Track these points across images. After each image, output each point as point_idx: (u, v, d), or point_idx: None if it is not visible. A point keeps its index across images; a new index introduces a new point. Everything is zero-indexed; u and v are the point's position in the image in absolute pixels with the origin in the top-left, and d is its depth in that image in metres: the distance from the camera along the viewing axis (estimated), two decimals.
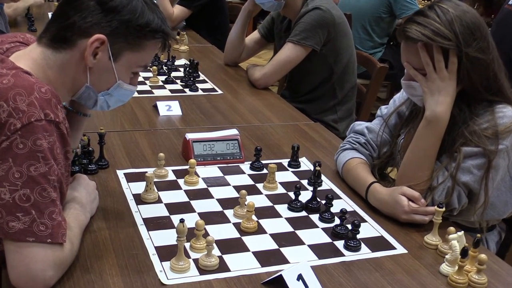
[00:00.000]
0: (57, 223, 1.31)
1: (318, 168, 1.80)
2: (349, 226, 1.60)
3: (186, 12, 4.12)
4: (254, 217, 1.65)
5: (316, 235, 1.64)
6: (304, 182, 1.94)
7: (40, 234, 1.28)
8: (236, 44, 3.25)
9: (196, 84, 2.88)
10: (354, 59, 3.07)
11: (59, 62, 1.44)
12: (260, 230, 1.64)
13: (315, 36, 2.86)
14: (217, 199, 1.79)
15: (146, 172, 1.79)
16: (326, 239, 1.63)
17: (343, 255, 1.56)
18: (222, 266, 1.46)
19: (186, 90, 2.84)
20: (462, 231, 1.53)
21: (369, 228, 1.70)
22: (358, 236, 1.59)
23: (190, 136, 2.02)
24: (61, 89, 1.44)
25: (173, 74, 3.02)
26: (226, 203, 1.77)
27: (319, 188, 1.79)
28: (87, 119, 1.69)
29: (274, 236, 1.62)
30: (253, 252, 1.54)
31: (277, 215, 1.73)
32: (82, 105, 1.60)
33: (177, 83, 2.92)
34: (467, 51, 1.64)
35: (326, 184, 1.95)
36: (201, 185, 1.87)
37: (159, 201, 1.75)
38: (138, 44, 1.48)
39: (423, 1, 6.40)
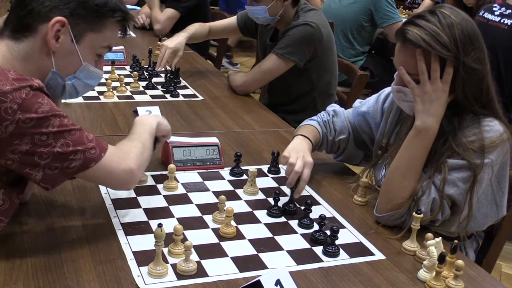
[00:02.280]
0: (95, 140, 1.49)
1: None
2: (328, 232, 1.60)
3: (175, 14, 4.10)
4: (233, 223, 1.65)
5: (295, 241, 1.64)
6: (284, 188, 1.93)
7: (95, 156, 1.47)
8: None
9: (177, 90, 2.87)
10: (336, 76, 3.08)
11: (23, 52, 1.47)
12: (238, 236, 1.64)
13: (300, 52, 2.84)
14: (196, 205, 1.79)
15: None
16: (304, 244, 1.63)
17: (321, 260, 1.56)
18: (200, 271, 1.45)
19: (167, 95, 2.83)
20: (440, 238, 1.54)
21: (348, 234, 1.71)
22: (337, 242, 1.59)
23: (170, 139, 2.01)
24: None
25: (154, 79, 3.00)
26: (205, 208, 1.76)
27: None
28: None
29: (253, 242, 1.61)
30: (231, 258, 1.53)
31: (256, 220, 1.73)
32: (52, 98, 1.61)
33: (158, 89, 2.91)
34: (465, 60, 1.63)
35: (306, 190, 1.94)
36: (181, 190, 1.87)
37: (137, 206, 1.74)
38: (98, 24, 1.53)
39: (404, 11, 6.47)
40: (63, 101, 1.83)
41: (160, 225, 1.39)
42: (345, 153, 2.11)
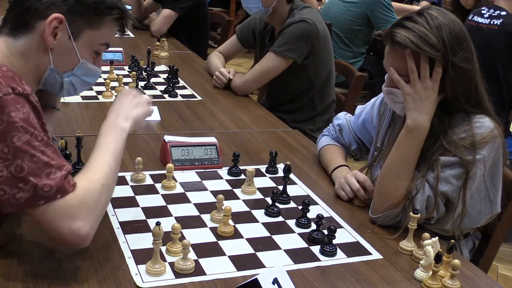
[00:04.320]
0: (58, 178, 1.33)
1: (288, 163, 1.84)
2: (325, 232, 1.61)
3: (172, 14, 4.10)
4: (230, 222, 1.66)
5: (292, 240, 1.65)
6: (281, 188, 1.93)
7: (48, 194, 1.31)
8: None
9: (176, 90, 2.88)
10: (333, 73, 3.09)
11: (21, 49, 1.47)
12: (236, 235, 1.64)
13: (298, 49, 2.85)
14: (194, 204, 1.79)
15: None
16: (302, 244, 1.64)
17: (318, 260, 1.57)
18: (198, 270, 1.46)
19: (166, 96, 2.84)
20: (437, 237, 1.54)
21: (345, 234, 1.71)
22: (334, 242, 1.60)
23: (168, 138, 2.02)
24: (27, 77, 1.46)
25: (153, 80, 3.01)
26: (203, 207, 1.77)
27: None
28: (58, 114, 1.72)
29: (251, 241, 1.62)
30: (229, 256, 1.54)
31: (254, 220, 1.74)
32: (50, 97, 1.62)
33: (156, 89, 2.91)
34: (453, 60, 1.65)
35: (303, 190, 1.96)
36: (179, 189, 1.87)
37: (136, 204, 1.74)
38: (96, 21, 1.52)
39: None
40: (62, 100, 1.84)
41: (158, 223, 1.40)
42: (362, 160, 2.18)
